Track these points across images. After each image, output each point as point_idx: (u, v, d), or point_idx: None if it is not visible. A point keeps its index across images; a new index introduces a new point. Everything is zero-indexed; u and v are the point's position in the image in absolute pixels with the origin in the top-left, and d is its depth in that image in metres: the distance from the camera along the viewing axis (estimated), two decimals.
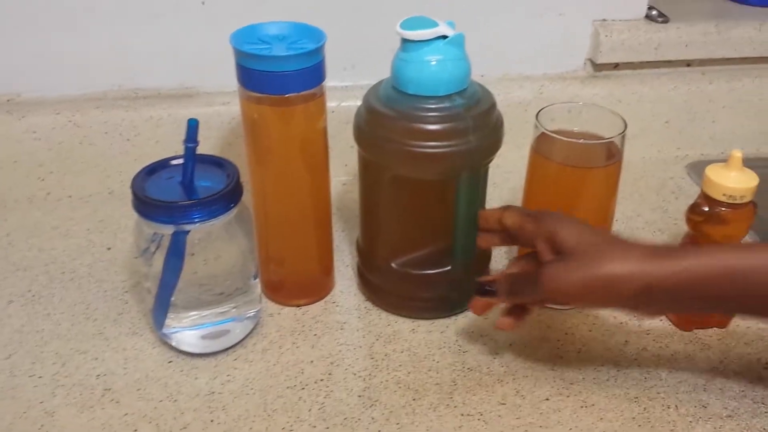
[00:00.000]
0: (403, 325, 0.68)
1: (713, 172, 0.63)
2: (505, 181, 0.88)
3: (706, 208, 0.64)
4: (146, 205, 0.57)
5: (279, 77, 0.59)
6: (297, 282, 0.71)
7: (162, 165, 0.62)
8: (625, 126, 0.64)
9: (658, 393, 0.61)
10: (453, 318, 0.69)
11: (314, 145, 0.64)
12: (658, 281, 0.52)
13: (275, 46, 0.60)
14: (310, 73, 0.60)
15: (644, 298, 0.52)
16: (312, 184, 0.66)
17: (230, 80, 0.90)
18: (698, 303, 0.54)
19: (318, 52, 0.60)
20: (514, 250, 0.74)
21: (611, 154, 0.64)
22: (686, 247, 0.62)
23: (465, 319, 0.69)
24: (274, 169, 0.64)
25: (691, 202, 0.66)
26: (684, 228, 0.67)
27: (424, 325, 0.68)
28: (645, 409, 0.60)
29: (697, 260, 0.52)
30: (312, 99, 0.62)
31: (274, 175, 0.65)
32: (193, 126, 0.59)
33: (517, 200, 0.71)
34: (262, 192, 0.66)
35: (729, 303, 0.54)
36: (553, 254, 0.56)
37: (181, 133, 0.84)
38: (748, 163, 0.64)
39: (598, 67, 0.93)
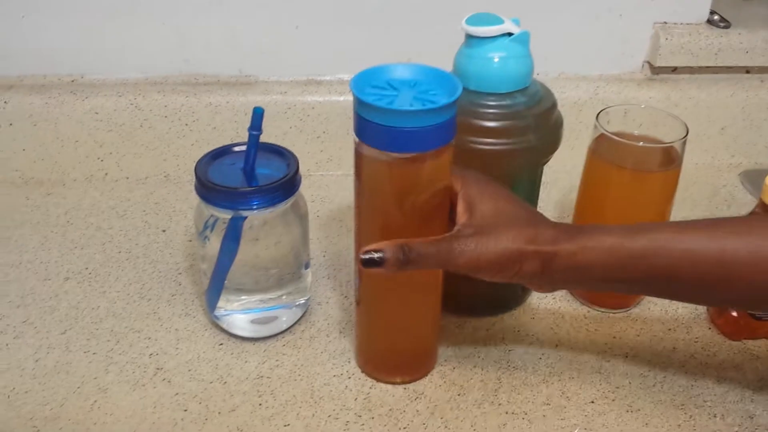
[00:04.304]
0: (450, 320, 0.68)
1: None
2: (555, 181, 0.88)
3: None
4: (208, 190, 0.58)
5: (400, 133, 0.49)
6: None
7: (225, 151, 0.63)
8: (687, 131, 0.63)
9: (705, 401, 0.61)
10: (499, 316, 0.69)
11: (431, 202, 0.54)
12: (558, 261, 0.51)
13: (402, 92, 0.51)
14: (439, 131, 0.50)
15: (546, 277, 0.52)
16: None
17: (288, 70, 0.91)
18: (600, 284, 0.54)
19: (450, 107, 0.50)
20: None
21: (671, 159, 0.64)
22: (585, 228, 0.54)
23: (511, 318, 0.69)
24: (381, 217, 0.55)
25: (743, 210, 0.66)
26: None
27: (470, 321, 0.68)
28: (691, 416, 0.59)
29: (591, 241, 0.51)
30: (437, 157, 0.51)
31: (380, 221, 0.56)
32: (258, 114, 0.60)
33: (568, 200, 0.71)
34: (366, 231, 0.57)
35: (632, 285, 0.54)
36: (467, 217, 0.53)
37: (239, 120, 0.86)
38: None
39: (655, 70, 0.92)
